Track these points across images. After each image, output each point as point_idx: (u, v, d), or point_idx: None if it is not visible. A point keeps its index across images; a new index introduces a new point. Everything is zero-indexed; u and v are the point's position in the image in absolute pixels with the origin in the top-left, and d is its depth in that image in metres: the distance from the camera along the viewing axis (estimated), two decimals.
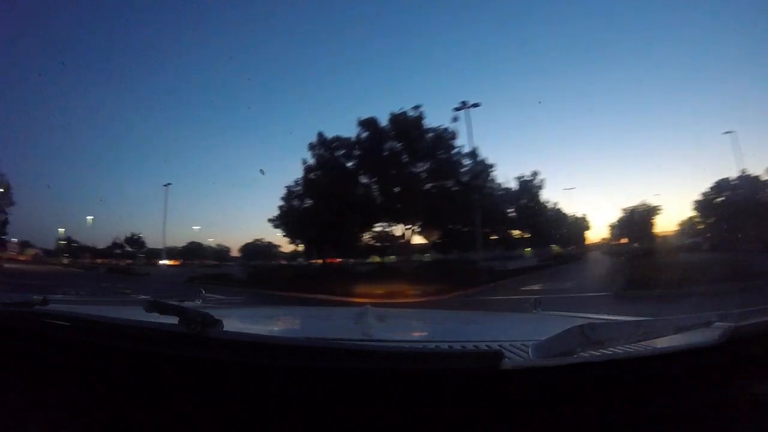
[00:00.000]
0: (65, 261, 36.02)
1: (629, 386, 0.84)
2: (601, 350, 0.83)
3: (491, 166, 23.98)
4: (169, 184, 30.47)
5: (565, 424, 0.78)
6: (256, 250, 36.19)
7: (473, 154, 22.95)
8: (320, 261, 26.66)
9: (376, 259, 27.08)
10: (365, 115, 22.69)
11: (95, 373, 0.88)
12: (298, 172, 24.11)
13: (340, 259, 27.09)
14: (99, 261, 36.68)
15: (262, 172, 39.64)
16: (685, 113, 43.24)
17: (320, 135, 23.78)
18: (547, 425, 0.77)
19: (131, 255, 38.92)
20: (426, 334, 1.70)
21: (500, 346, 1.00)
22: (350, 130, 23.01)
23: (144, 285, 19.16)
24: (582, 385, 0.81)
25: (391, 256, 27.28)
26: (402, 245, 24.49)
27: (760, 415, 0.86)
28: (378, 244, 25.53)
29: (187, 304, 1.35)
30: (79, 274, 28.28)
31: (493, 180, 24.42)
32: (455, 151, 22.57)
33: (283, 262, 32.51)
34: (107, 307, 2.08)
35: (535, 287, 15.13)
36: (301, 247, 27.38)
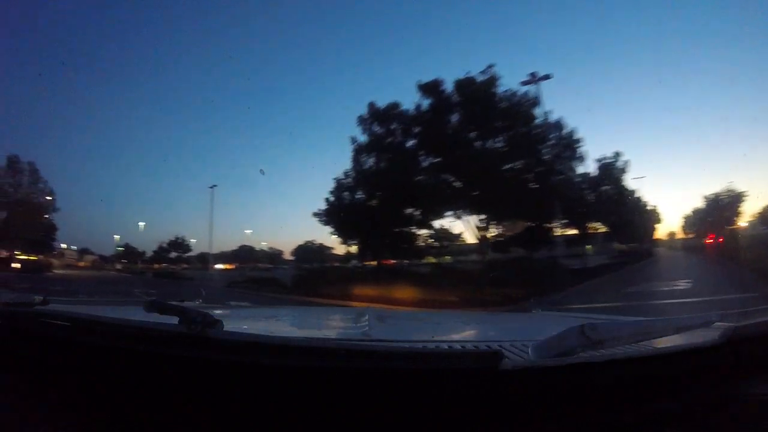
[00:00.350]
0: (118, 266, 38.72)
1: (629, 386, 0.84)
2: (601, 350, 0.83)
3: (578, 141, 19.66)
4: (215, 185, 30.33)
5: (565, 424, 0.78)
6: (309, 252, 35.34)
7: (558, 126, 18.77)
8: (374, 262, 22.96)
9: (431, 259, 23.94)
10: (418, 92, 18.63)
11: (95, 373, 0.88)
12: (348, 162, 20.97)
13: (394, 261, 23.59)
14: (155, 266, 38.57)
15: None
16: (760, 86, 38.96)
17: (372, 106, 20.25)
18: (547, 425, 0.77)
19: (185, 259, 40.50)
20: (426, 334, 1.69)
21: (500, 346, 0.99)
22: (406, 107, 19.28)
23: (178, 289, 16.81)
24: (582, 385, 0.81)
25: (446, 257, 24.45)
26: (477, 242, 20.71)
27: (760, 415, 0.86)
28: (437, 243, 22.44)
29: (187, 304, 1.34)
30: (126, 278, 28.87)
31: (582, 158, 20.16)
32: (537, 122, 18.13)
33: (336, 264, 29.12)
34: (107, 307, 2.12)
35: (638, 288, 13.28)
36: (353, 248, 24.05)
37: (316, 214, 22.56)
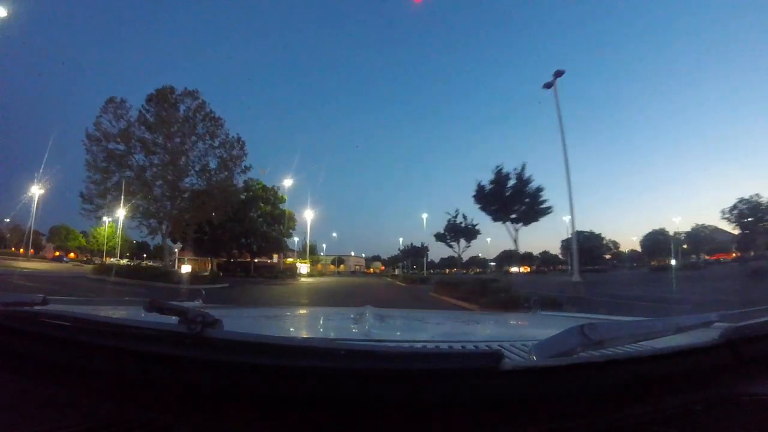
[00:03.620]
0: (396, 272, 39.92)
1: (629, 386, 0.84)
2: (601, 350, 0.83)
3: None
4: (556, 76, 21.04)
5: (565, 424, 0.78)
6: (700, 238, 24.10)
7: None
8: None
9: None
10: None
11: (95, 373, 0.88)
12: None
13: None
14: (461, 270, 36.14)
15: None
16: None
17: None
18: (548, 425, 0.77)
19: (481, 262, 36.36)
20: (426, 334, 1.69)
21: (500, 346, 1.00)
22: None
23: None
24: (582, 385, 0.81)
25: None
26: None
27: (760, 415, 0.86)
28: None
29: (187, 304, 1.37)
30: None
31: None
32: None
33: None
34: (107, 307, 2.11)
35: None
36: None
37: None
